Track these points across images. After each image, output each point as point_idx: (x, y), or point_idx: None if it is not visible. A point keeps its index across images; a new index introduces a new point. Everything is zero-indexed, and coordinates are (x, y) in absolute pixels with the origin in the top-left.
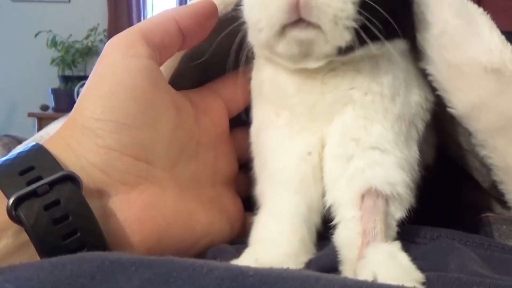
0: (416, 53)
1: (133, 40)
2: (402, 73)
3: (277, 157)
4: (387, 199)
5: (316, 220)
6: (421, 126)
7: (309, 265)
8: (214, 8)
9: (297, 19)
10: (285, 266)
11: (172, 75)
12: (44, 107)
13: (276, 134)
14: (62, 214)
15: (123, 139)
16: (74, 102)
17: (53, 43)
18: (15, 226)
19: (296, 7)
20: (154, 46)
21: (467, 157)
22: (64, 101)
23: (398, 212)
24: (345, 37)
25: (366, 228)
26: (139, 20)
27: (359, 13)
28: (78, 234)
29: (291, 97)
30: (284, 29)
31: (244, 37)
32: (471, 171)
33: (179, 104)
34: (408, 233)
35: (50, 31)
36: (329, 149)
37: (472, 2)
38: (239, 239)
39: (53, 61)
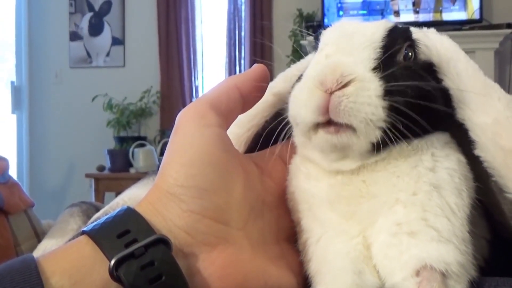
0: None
1: (203, 110)
2: (456, 165)
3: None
4: (443, 275)
5: None
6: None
7: None
8: (267, 72)
9: (328, 120)
10: None
11: (246, 148)
12: (101, 168)
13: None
14: (156, 274)
15: (203, 203)
16: (129, 162)
17: (109, 106)
18: (114, 285)
19: (326, 110)
20: (222, 114)
21: None
22: (119, 161)
23: (458, 285)
24: (377, 134)
25: None
26: (190, 82)
27: (389, 115)
28: None
29: (324, 209)
30: (316, 127)
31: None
32: None
33: (246, 166)
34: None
35: (106, 94)
36: (379, 249)
37: None
38: None
39: (109, 123)
